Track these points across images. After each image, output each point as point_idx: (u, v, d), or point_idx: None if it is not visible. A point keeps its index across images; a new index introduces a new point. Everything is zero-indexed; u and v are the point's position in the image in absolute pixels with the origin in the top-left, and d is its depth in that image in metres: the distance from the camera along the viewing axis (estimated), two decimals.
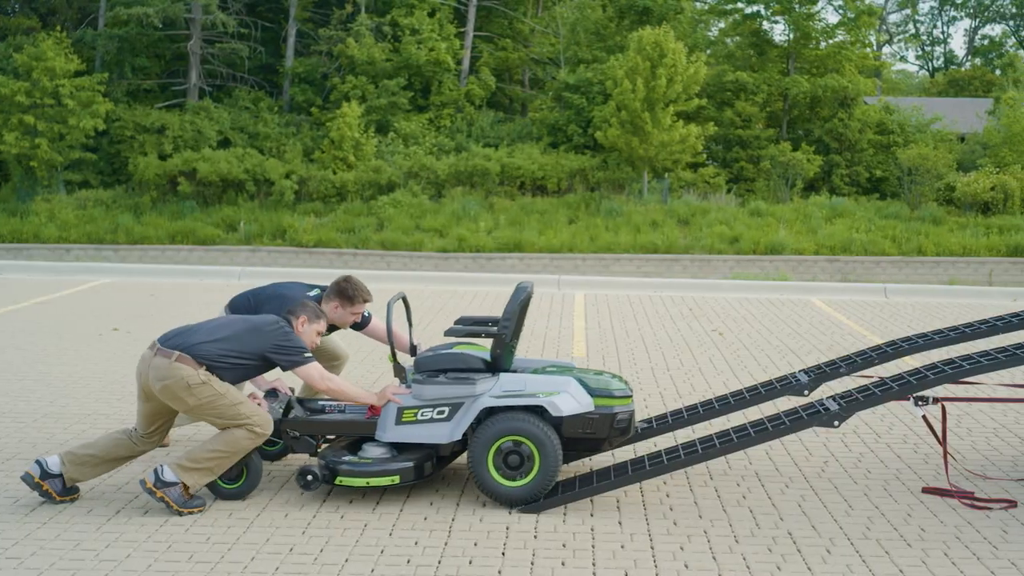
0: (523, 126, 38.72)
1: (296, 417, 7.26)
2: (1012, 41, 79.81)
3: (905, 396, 7.20)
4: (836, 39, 42.15)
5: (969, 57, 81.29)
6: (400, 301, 7.66)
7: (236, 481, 7.02)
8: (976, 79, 64.21)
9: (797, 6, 40.65)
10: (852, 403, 7.14)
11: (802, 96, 40.12)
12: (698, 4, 45.21)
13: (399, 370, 7.29)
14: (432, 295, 17.43)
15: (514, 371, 7.29)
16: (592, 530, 6.62)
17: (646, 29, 33.69)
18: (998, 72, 64.22)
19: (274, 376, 7.86)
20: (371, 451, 7.06)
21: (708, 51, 43.80)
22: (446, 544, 6.34)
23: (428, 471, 7.09)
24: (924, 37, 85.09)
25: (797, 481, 7.73)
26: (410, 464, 6.94)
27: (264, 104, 39.58)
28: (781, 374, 11.06)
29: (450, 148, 36.36)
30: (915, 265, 30.26)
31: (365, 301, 7.78)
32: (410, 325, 7.68)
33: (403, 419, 7.01)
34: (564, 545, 6.36)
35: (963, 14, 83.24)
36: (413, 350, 7.67)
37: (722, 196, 35.25)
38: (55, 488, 6.84)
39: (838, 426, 7.07)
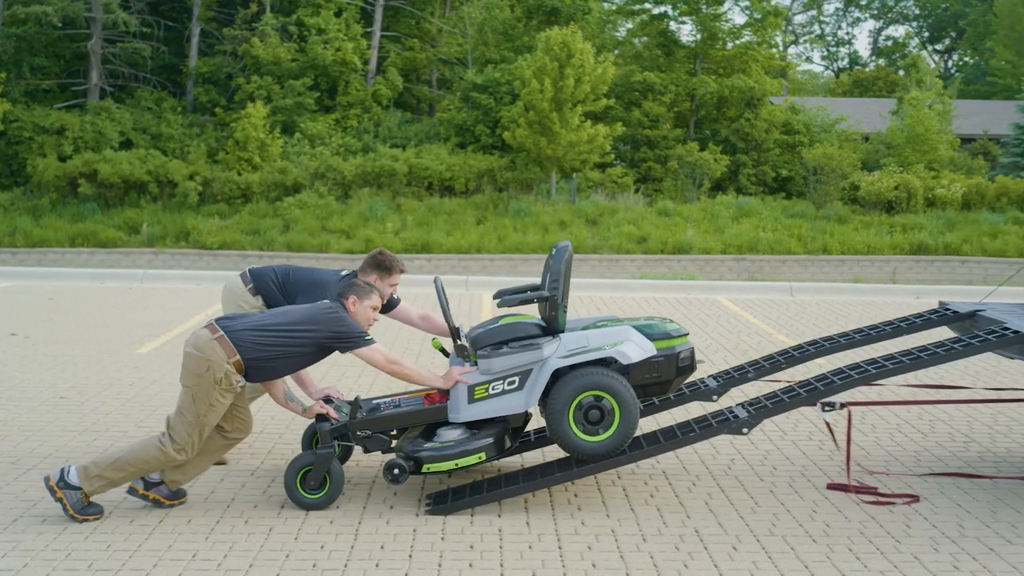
0: (431, 126, 38.58)
1: (365, 416, 7.12)
2: (915, 42, 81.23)
3: (813, 402, 7.28)
4: (743, 40, 42.52)
5: (873, 58, 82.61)
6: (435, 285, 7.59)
7: (319, 491, 6.91)
8: (880, 79, 65.20)
9: (704, 7, 40.94)
10: (761, 410, 7.20)
11: (709, 96, 40.41)
12: (606, 4, 45.36)
13: (461, 349, 7.19)
14: None
15: (570, 331, 7.22)
16: (500, 531, 6.57)
17: (554, 29, 33.70)
18: (901, 73, 65.23)
19: (321, 381, 7.61)
20: (448, 434, 6.99)
21: (616, 51, 43.99)
22: (352, 547, 6.25)
23: (508, 444, 7.08)
24: (829, 38, 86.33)
25: (704, 479, 7.73)
26: (491, 440, 6.89)
27: (167, 104, 39.02)
28: (691, 375, 11.10)
29: (357, 149, 36.11)
30: (820, 263, 30.57)
31: (401, 271, 7.74)
32: (448, 308, 7.50)
33: (475, 396, 6.96)
34: (472, 546, 6.30)
35: (867, 15, 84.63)
36: (455, 333, 7.51)
37: (630, 196, 35.37)
38: (161, 494, 6.79)
39: (747, 433, 7.12)
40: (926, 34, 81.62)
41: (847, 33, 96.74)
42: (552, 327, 7.08)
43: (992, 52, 61.80)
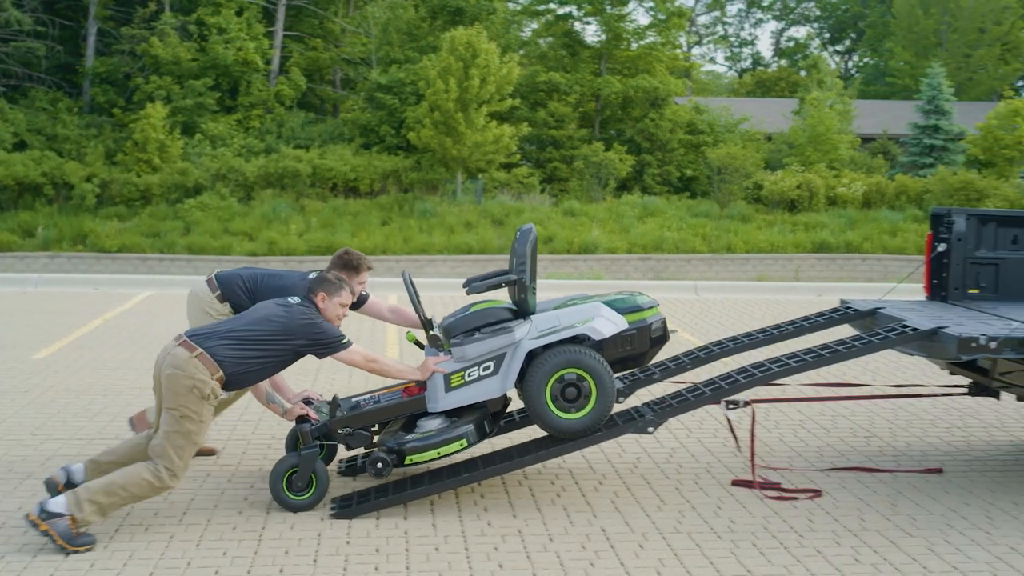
0: (335, 127, 38.30)
1: (345, 414, 7.08)
2: (816, 43, 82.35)
3: (718, 400, 7.35)
4: (647, 40, 42.73)
5: (775, 58, 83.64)
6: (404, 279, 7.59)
7: (306, 492, 6.87)
8: (782, 80, 65.98)
9: (609, 7, 41.09)
10: (666, 409, 7.25)
11: (614, 96, 40.58)
12: (511, 5, 45.39)
13: (435, 339, 7.17)
14: None
15: (540, 312, 7.23)
16: (406, 533, 6.51)
17: (459, 29, 33.62)
18: (803, 73, 66.07)
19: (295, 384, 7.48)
20: (429, 424, 7.02)
21: (521, 52, 43.99)
22: (256, 553, 6.15)
23: (489, 428, 7.07)
24: (732, 39, 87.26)
25: (610, 478, 7.74)
26: (471, 426, 6.91)
27: (63, 105, 38.26)
28: None
29: (259, 150, 35.72)
30: (725, 262, 30.82)
31: (369, 269, 7.72)
32: (418, 300, 7.45)
33: (452, 384, 6.99)
34: (377, 550, 6.24)
35: (769, 16, 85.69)
36: (427, 324, 7.49)
37: (536, 196, 35.40)
38: (59, 530, 6.28)
39: (653, 432, 7.16)
40: (827, 35, 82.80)
41: (750, 34, 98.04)
42: (523, 309, 7.10)
43: (891, 53, 62.83)
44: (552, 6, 42.82)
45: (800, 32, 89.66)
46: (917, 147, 40.23)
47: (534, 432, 8.02)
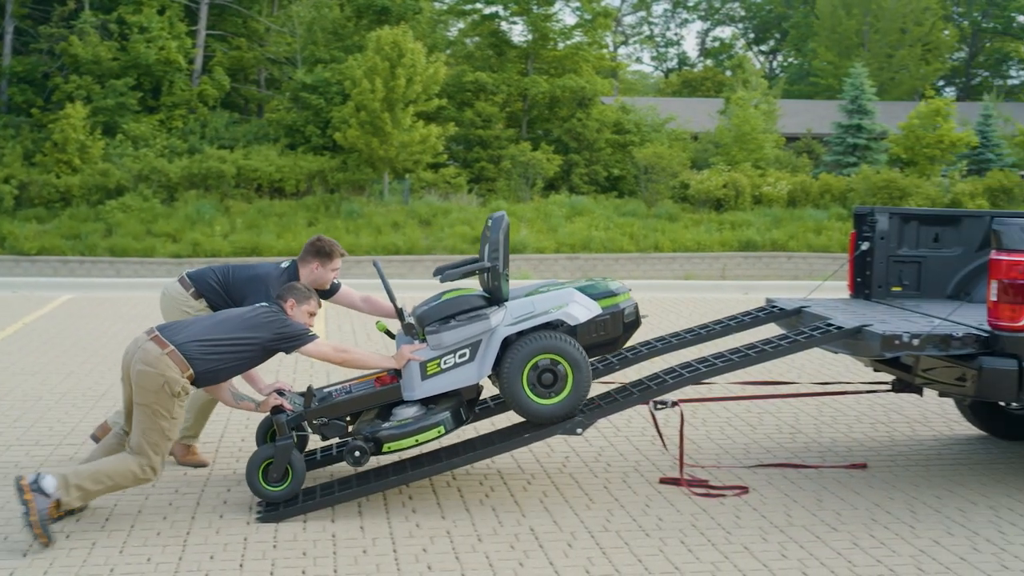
0: (259, 127, 38.00)
1: (320, 404, 7.02)
2: (741, 43, 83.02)
3: (646, 401, 7.37)
4: (573, 40, 42.81)
5: (701, 58, 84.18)
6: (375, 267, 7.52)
7: (281, 483, 6.83)
8: (708, 80, 66.44)
9: (535, 7, 41.13)
10: (595, 410, 7.24)
11: (541, 96, 40.64)
12: (437, 4, 45.28)
13: (409, 327, 7.15)
14: None
15: (513, 299, 7.24)
16: (333, 536, 6.46)
17: (384, 29, 33.49)
18: (728, 73, 66.61)
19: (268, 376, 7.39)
20: (404, 412, 7.02)
21: (448, 51, 43.92)
22: (180, 559, 6.07)
23: (465, 416, 7.12)
24: (658, 39, 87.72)
25: (539, 477, 7.73)
26: (447, 413, 6.91)
27: None
28: None
29: (183, 150, 35.34)
30: (652, 261, 30.95)
31: (342, 255, 7.74)
32: (390, 289, 7.43)
33: (428, 372, 6.98)
34: (304, 553, 6.19)
35: (695, 16, 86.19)
36: (400, 312, 7.50)
37: (464, 196, 35.36)
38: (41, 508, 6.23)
39: (581, 433, 7.14)
40: (751, 35, 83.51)
41: (675, 34, 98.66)
42: (496, 297, 7.10)
43: (814, 53, 63.47)
44: (478, 6, 42.80)
45: (725, 32, 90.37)
46: (841, 146, 40.67)
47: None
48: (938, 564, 6.18)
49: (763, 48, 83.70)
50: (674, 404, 7.65)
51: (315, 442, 8.01)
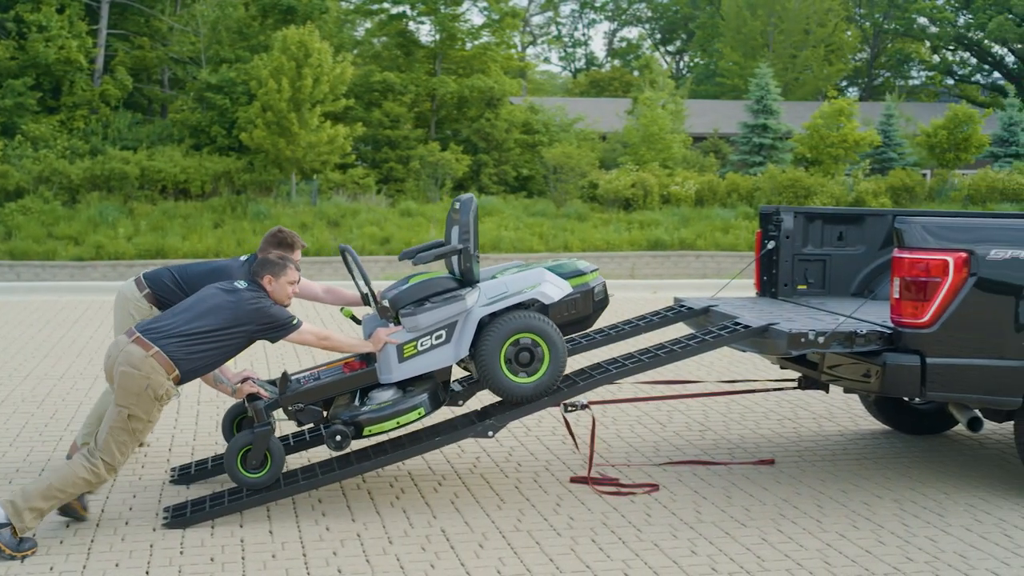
0: (163, 128, 37.48)
1: (296, 390, 6.96)
2: (648, 43, 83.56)
3: (557, 403, 7.37)
4: (481, 40, 42.77)
5: (609, 59, 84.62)
6: (345, 255, 7.54)
7: (260, 470, 6.83)
8: (616, 80, 66.79)
9: (443, 7, 41.04)
10: (506, 413, 7.24)
11: (449, 96, 40.56)
12: (344, 4, 45.01)
13: (384, 310, 7.15)
14: (68, 306, 16.67)
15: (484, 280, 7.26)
16: (242, 541, 6.40)
17: (291, 28, 33.18)
18: (636, 73, 67.02)
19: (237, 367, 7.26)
20: (381, 396, 7.04)
21: (355, 51, 43.69)
22: (84, 567, 5.97)
23: (443, 397, 7.22)
24: (566, 39, 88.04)
25: (450, 478, 7.73)
26: (426, 395, 6.98)
27: None
28: None
29: (84, 151, 34.72)
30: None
31: (303, 246, 7.67)
32: (364, 273, 7.35)
33: (405, 355, 7.00)
34: (212, 559, 6.12)
35: (602, 17, 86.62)
36: (373, 296, 7.43)
37: (372, 197, 35.17)
38: (3, 540, 6.13)
39: (492, 435, 7.14)
40: (658, 36, 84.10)
41: (583, 34, 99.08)
42: (468, 278, 7.14)
43: (720, 54, 64.05)
44: (385, 5, 42.63)
45: (632, 33, 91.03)
46: (747, 146, 41.07)
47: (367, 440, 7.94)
48: (844, 557, 6.26)
49: (670, 48, 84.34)
50: (585, 406, 7.67)
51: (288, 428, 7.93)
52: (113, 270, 27.13)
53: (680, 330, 9.03)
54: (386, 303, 7.15)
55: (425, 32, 44.84)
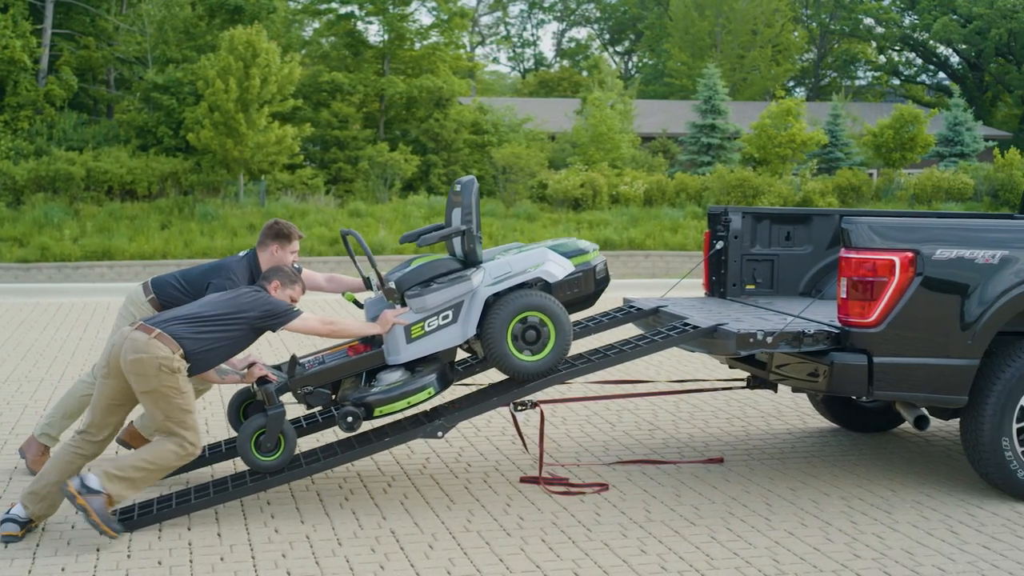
0: (109, 128, 37.17)
1: (305, 373, 6.99)
2: (597, 44, 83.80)
3: (507, 403, 7.37)
4: (430, 40, 42.73)
5: (558, 59, 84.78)
6: (346, 239, 7.66)
7: (273, 452, 6.88)
8: (565, 80, 66.96)
9: (391, 7, 40.97)
10: (456, 413, 7.25)
11: (398, 97, 40.50)
12: (291, 3, 44.82)
13: (390, 292, 7.13)
14: (13, 308, 16.50)
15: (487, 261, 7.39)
16: (189, 544, 6.35)
17: (238, 28, 33.03)
18: (585, 73, 67.18)
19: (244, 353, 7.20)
20: (390, 377, 7.10)
21: (303, 51, 43.52)
22: (30, 572, 5.90)
23: (451, 378, 7.29)
24: (515, 39, 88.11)
25: (399, 479, 7.71)
26: (434, 375, 7.04)
27: None
28: None
29: (29, 152, 34.37)
30: None
31: (300, 237, 7.75)
32: (370, 256, 7.31)
33: (413, 335, 7.05)
34: (160, 562, 6.07)
35: (551, 17, 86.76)
36: (367, 283, 7.65)
37: (321, 197, 35.05)
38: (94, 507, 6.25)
39: (442, 436, 7.14)
40: (607, 36, 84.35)
41: (532, 35, 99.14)
42: (471, 259, 7.19)
43: (668, 54, 64.30)
44: (334, 5, 42.49)
45: (581, 33, 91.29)
46: (695, 145, 41.27)
47: (317, 440, 7.93)
48: (792, 555, 6.30)
49: (618, 49, 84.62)
50: (534, 405, 7.69)
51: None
52: (59, 272, 26.90)
53: (630, 331, 9.05)
54: (392, 285, 7.17)
55: (373, 32, 44.80)
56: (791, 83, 71.69)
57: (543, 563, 6.09)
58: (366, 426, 8.53)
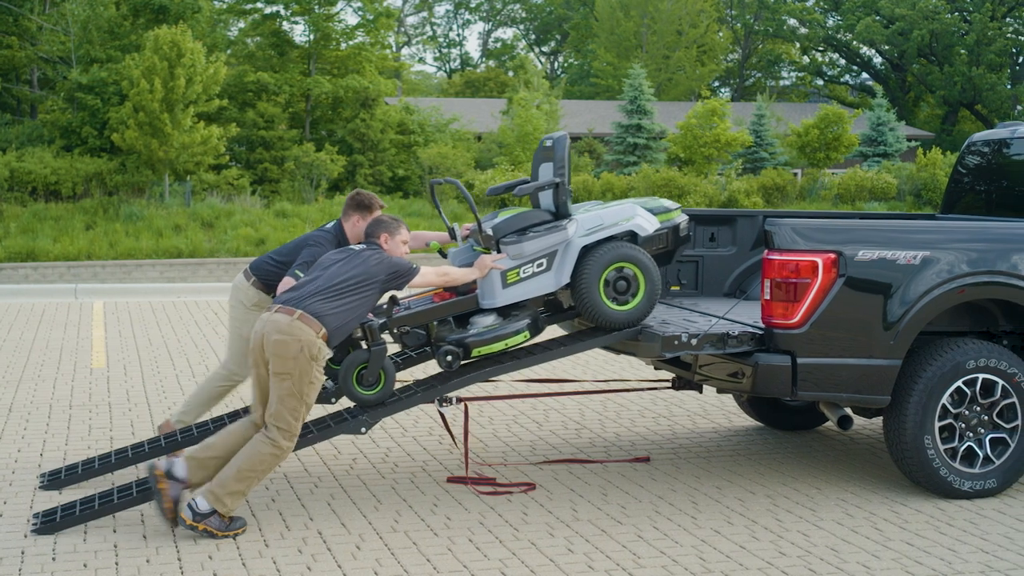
0: (33, 128, 36.70)
1: (402, 313, 7.30)
2: (523, 44, 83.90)
3: (431, 399, 7.40)
4: (356, 40, 42.61)
5: (484, 59, 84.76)
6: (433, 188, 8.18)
7: (374, 387, 7.12)
8: (491, 80, 67.00)
9: (317, 7, 40.79)
10: (379, 409, 7.24)
11: (324, 97, 40.35)
12: (216, 3, 44.48)
13: (488, 238, 7.37)
14: None
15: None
16: (115, 547, 6.32)
17: (163, 28, 32.74)
18: (511, 74, 67.19)
19: None
20: (484, 320, 7.37)
21: (228, 51, 43.23)
22: None
23: (542, 325, 7.50)
24: (441, 39, 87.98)
25: (326, 480, 7.71)
26: (528, 320, 7.32)
27: None
28: None
29: None
30: (437, 261, 30.56)
31: (381, 207, 7.98)
32: (473, 203, 7.60)
33: (508, 281, 7.29)
34: (86, 565, 6.04)
35: (477, 17, 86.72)
36: (451, 233, 8.01)
37: (247, 198, 34.82)
38: (212, 525, 6.50)
39: (365, 432, 7.16)
40: (533, 36, 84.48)
41: (458, 35, 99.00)
42: (562, 211, 7.42)
43: (594, 54, 64.51)
44: (259, 5, 42.22)
45: (507, 33, 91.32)
46: (621, 145, 41.43)
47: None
48: (719, 553, 6.37)
49: (544, 49, 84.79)
50: (459, 401, 7.71)
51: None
52: None
53: (555, 331, 9.08)
54: (489, 231, 7.36)
55: (299, 32, 44.47)
56: (716, 83, 72.20)
57: (470, 563, 6.12)
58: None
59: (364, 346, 7.19)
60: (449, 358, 7.12)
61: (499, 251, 7.33)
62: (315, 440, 7.12)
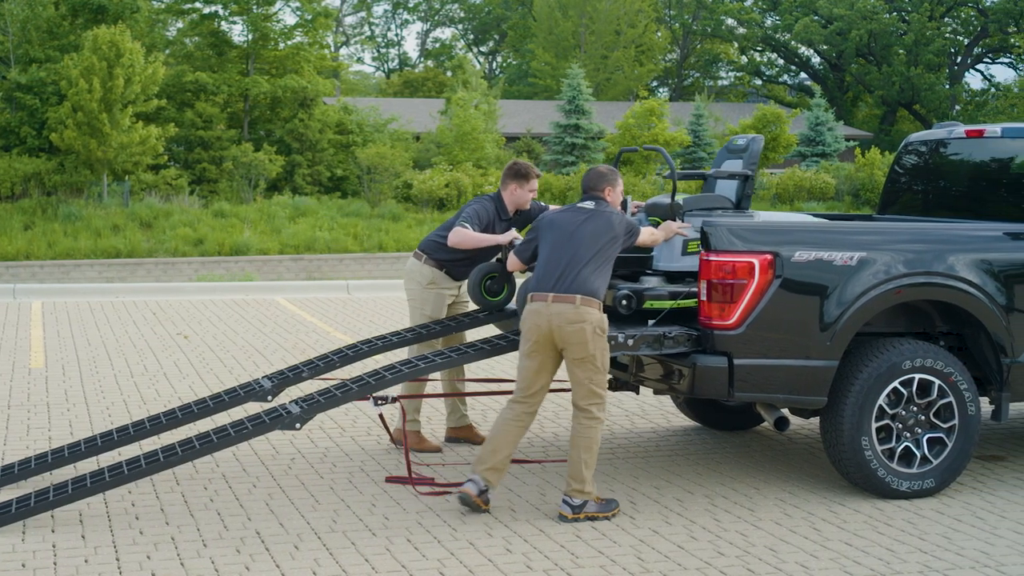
0: None
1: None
2: (461, 44, 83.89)
3: (365, 396, 7.42)
4: (294, 40, 42.49)
5: (422, 59, 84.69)
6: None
7: (499, 294, 7.88)
8: (429, 80, 66.99)
9: (255, 7, 40.63)
10: (313, 405, 7.26)
11: (262, 97, 40.21)
12: (155, 3, 44.14)
13: (677, 207, 7.73)
14: None
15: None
16: (54, 547, 6.29)
17: (101, 28, 32.53)
18: (449, 74, 67.26)
19: None
20: (652, 280, 7.66)
21: (167, 51, 42.96)
22: None
23: None
24: (379, 39, 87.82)
25: (264, 480, 7.69)
26: (695, 289, 7.35)
27: None
28: (247, 376, 11.19)
29: None
30: (376, 261, 30.99)
31: (538, 176, 8.25)
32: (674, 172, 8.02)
33: (688, 250, 7.64)
34: (24, 564, 6.02)
35: (415, 17, 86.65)
36: (623, 205, 7.95)
37: (185, 198, 34.67)
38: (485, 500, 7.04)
39: (300, 428, 7.17)
40: (471, 36, 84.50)
41: (396, 35, 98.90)
42: (743, 205, 7.83)
43: (533, 54, 64.64)
44: (197, 5, 42.01)
45: (445, 33, 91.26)
46: (560, 145, 41.57)
47: (175, 436, 7.84)
48: (657, 553, 6.42)
49: (483, 49, 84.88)
50: (394, 400, 7.74)
51: None
52: None
53: (491, 331, 9.11)
54: (680, 201, 7.81)
55: (237, 32, 44.17)
56: (654, 83, 72.57)
57: (409, 563, 6.14)
58: (223, 419, 8.56)
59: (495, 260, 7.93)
60: (625, 302, 7.28)
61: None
62: (251, 435, 7.10)
